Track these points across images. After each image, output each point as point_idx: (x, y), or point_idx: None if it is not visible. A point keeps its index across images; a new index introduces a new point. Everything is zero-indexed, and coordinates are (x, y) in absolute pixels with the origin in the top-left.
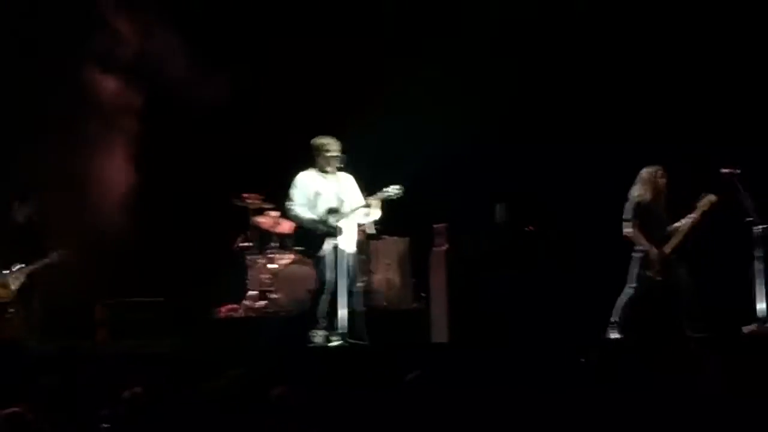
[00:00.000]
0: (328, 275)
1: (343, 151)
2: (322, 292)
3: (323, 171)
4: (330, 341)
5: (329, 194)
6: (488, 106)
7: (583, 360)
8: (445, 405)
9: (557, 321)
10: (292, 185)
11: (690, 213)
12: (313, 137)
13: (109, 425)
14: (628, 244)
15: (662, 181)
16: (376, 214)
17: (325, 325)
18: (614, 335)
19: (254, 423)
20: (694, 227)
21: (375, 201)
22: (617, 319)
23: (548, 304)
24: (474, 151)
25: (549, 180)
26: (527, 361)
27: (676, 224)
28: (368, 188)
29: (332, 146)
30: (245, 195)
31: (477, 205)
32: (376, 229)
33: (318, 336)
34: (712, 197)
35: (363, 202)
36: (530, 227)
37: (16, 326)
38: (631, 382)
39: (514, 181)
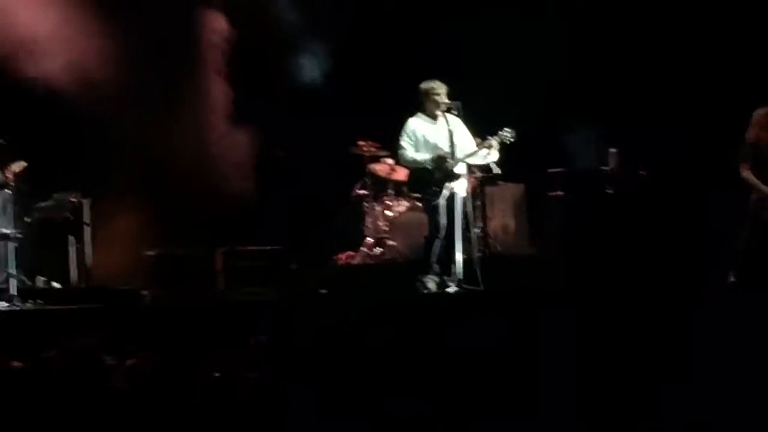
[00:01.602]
0: (442, 221)
1: (454, 96)
2: (435, 238)
3: (432, 116)
4: (445, 287)
5: (440, 139)
6: (602, 51)
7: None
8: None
9: (673, 266)
10: (401, 131)
11: None
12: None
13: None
14: (744, 186)
15: None
16: (494, 155)
17: (438, 271)
18: (732, 278)
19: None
20: None
21: (493, 142)
22: (734, 263)
23: (664, 249)
24: (589, 96)
25: (664, 124)
26: (644, 307)
27: None
28: (482, 134)
29: (439, 89)
30: (361, 143)
31: (592, 150)
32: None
33: (431, 282)
34: None
35: (474, 146)
36: (643, 172)
37: None
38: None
39: (629, 126)
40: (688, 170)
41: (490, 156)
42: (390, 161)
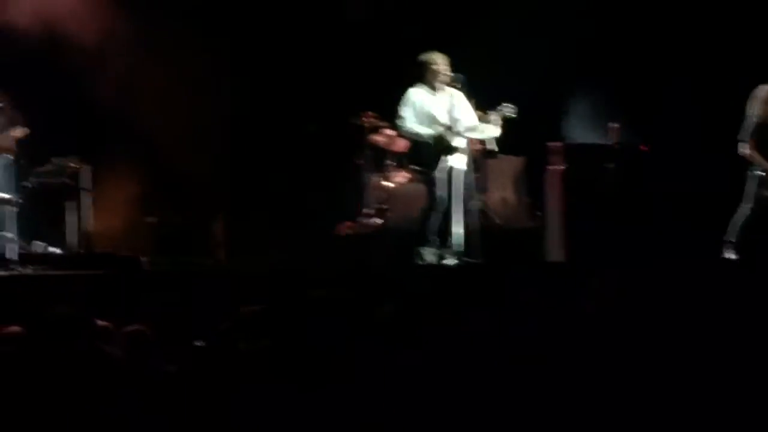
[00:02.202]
0: (441, 194)
1: (455, 69)
2: (434, 210)
3: (432, 87)
4: (443, 259)
5: (440, 111)
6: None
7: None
8: (557, 323)
9: (671, 242)
10: (401, 101)
11: None
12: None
13: (203, 343)
14: (745, 163)
15: None
16: (495, 131)
17: (436, 243)
18: (730, 255)
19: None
20: None
21: (494, 117)
22: (733, 239)
23: (662, 225)
24: (592, 70)
25: (665, 100)
26: (643, 279)
27: None
28: (483, 107)
29: (439, 61)
30: (362, 113)
31: (593, 125)
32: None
33: (429, 254)
34: None
35: (475, 119)
36: (644, 147)
37: None
38: (749, 302)
39: (631, 101)
40: (688, 146)
41: (491, 131)
42: (390, 132)
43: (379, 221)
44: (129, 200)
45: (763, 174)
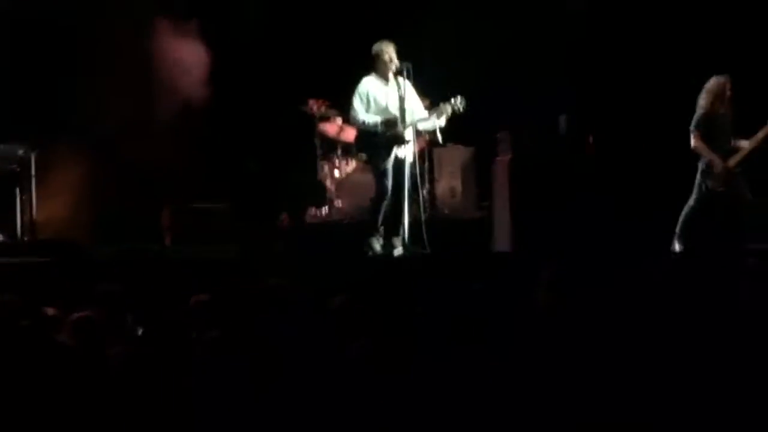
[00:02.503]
0: (389, 184)
1: (405, 58)
2: (382, 200)
3: (384, 77)
4: (391, 249)
5: (391, 101)
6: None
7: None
8: (507, 313)
9: (622, 233)
10: (354, 91)
11: (762, 128)
12: (374, 42)
13: (143, 329)
14: (695, 155)
15: (729, 92)
16: (441, 122)
17: (384, 233)
18: (677, 247)
19: (315, 332)
20: (763, 143)
21: (445, 110)
22: (679, 231)
23: (612, 217)
24: (541, 59)
25: (614, 91)
26: (590, 272)
27: (742, 141)
28: (432, 96)
29: (390, 50)
30: (310, 101)
31: (541, 114)
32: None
33: (377, 244)
34: None
35: (423, 110)
36: (590, 139)
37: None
38: (692, 294)
39: (579, 91)
40: (636, 137)
41: (438, 122)
42: (339, 121)
43: (327, 211)
44: (75, 187)
45: (708, 166)
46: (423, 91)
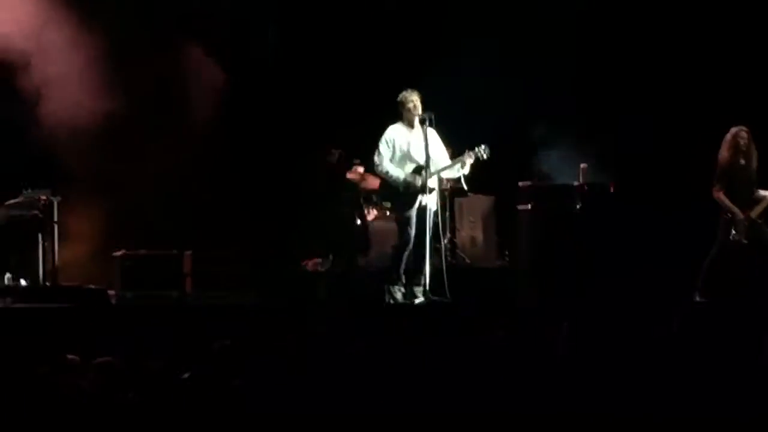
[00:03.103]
0: (412, 233)
1: (429, 107)
2: (404, 249)
3: (410, 125)
4: (412, 298)
5: (415, 148)
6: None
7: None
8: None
9: (640, 284)
10: (380, 139)
11: None
12: (400, 92)
13: (189, 374)
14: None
15: (744, 141)
16: (464, 170)
17: (405, 281)
18: (697, 298)
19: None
20: None
21: (469, 159)
22: (700, 283)
23: (631, 266)
24: (563, 111)
25: (635, 139)
26: (610, 323)
27: (764, 191)
28: (455, 145)
29: (415, 98)
30: (332, 149)
31: (563, 165)
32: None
33: (398, 292)
34: None
35: (448, 158)
36: (612, 188)
37: None
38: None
39: (600, 142)
40: (658, 187)
41: (462, 170)
42: (361, 169)
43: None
44: (98, 233)
45: (730, 217)
46: (446, 140)
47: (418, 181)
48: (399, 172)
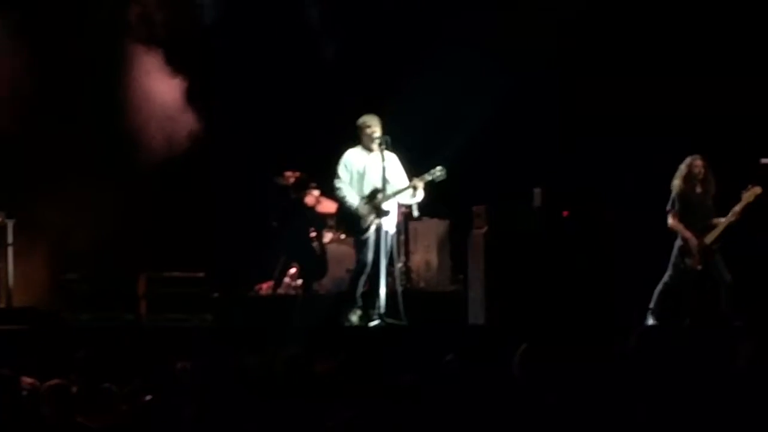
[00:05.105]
0: (369, 256)
1: (387, 131)
2: (361, 272)
3: (368, 149)
4: (368, 321)
5: (374, 173)
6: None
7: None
8: (479, 386)
9: (592, 307)
10: (339, 162)
11: (735, 205)
12: (358, 116)
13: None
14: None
15: (699, 170)
16: (420, 195)
17: (361, 304)
18: (650, 321)
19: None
20: (737, 219)
21: (420, 182)
22: (653, 306)
23: (591, 290)
24: (516, 134)
25: (589, 164)
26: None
27: (720, 218)
28: (411, 169)
29: (374, 123)
30: (287, 173)
31: (517, 188)
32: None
33: (354, 315)
34: (757, 189)
35: (406, 182)
36: (566, 213)
37: None
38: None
39: (555, 165)
40: (609, 211)
41: (415, 196)
42: (316, 192)
43: (302, 282)
44: (52, 255)
45: (684, 244)
46: (406, 164)
47: (371, 214)
48: (355, 200)
